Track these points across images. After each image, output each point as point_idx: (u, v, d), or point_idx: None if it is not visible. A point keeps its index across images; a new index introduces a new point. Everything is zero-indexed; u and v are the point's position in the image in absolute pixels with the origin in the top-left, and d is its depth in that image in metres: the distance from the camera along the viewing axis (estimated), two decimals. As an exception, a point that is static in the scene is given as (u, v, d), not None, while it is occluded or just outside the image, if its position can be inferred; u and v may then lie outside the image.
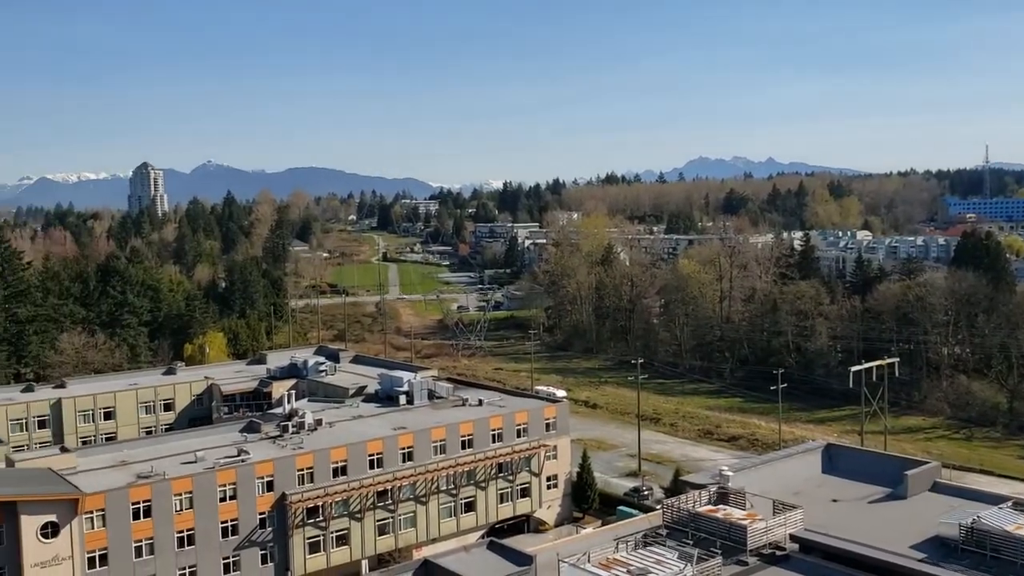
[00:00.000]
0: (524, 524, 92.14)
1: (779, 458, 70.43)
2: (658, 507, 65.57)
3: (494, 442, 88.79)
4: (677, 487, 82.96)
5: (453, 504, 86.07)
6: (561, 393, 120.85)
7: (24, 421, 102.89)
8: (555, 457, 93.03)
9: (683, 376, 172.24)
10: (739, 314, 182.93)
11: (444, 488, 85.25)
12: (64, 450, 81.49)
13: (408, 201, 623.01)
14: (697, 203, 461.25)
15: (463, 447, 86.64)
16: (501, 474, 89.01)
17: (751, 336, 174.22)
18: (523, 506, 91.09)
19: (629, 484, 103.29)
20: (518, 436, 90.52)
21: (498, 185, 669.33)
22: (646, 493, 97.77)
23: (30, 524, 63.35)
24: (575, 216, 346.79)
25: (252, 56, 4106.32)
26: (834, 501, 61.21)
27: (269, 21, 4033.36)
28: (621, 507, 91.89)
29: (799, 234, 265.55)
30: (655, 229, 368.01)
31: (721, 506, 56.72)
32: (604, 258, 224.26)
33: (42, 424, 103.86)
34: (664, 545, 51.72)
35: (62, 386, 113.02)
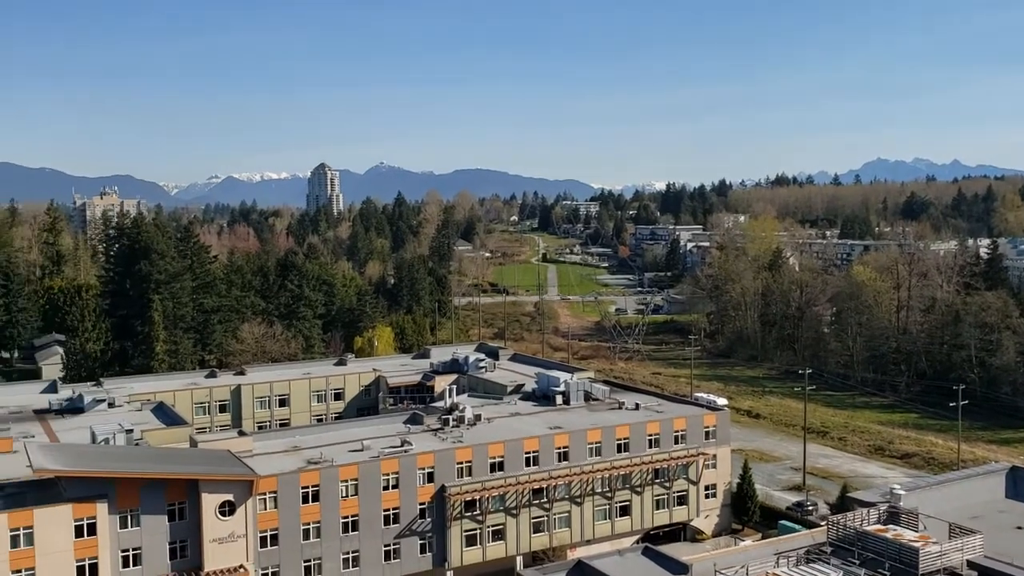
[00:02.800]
0: (680, 532, 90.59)
1: (957, 479, 66.14)
2: (823, 523, 62.93)
3: (651, 447, 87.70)
4: (844, 504, 79.50)
5: (608, 507, 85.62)
6: (722, 401, 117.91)
7: (207, 405, 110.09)
8: (714, 466, 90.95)
9: (854, 388, 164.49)
10: (917, 325, 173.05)
11: (599, 490, 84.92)
12: (242, 434, 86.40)
13: (569, 202, 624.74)
14: (874, 207, 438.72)
15: (619, 450, 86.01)
16: (657, 480, 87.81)
17: (929, 349, 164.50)
18: (680, 514, 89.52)
19: (792, 498, 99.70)
20: (676, 443, 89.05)
21: (661, 187, 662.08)
22: (810, 508, 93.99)
23: (210, 502, 67.68)
24: (742, 219, 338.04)
25: (422, 62, 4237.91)
26: (1019, 528, 56.80)
27: (437, 28, 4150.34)
28: (783, 521, 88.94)
29: (986, 241, 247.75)
30: (828, 233, 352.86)
31: (891, 526, 53.81)
32: (772, 263, 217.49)
33: (223, 408, 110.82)
34: (828, 563, 49.59)
35: (242, 373, 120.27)
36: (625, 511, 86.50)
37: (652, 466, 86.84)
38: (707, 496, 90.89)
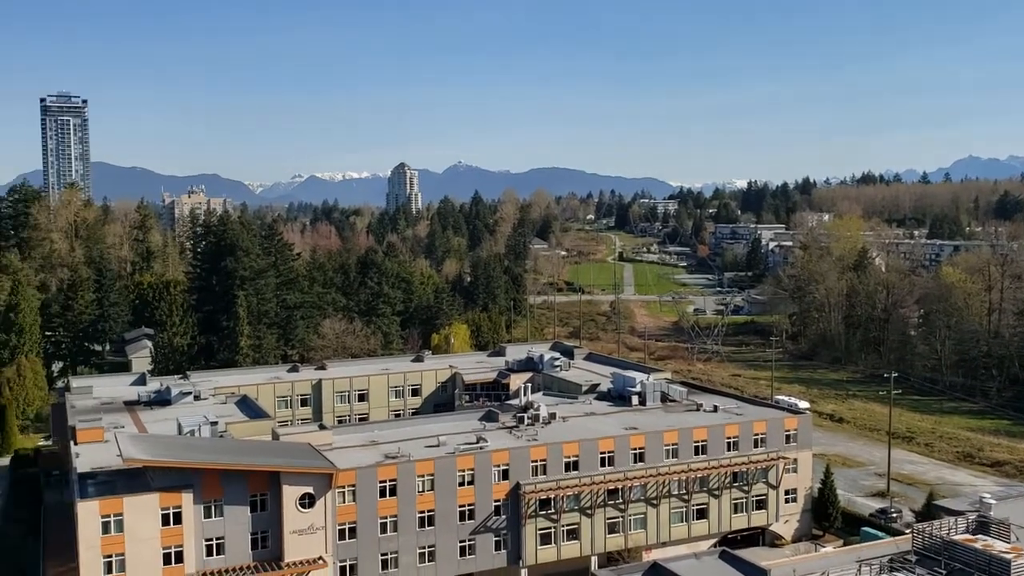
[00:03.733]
0: (759, 537, 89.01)
1: (1054, 490, 63.34)
2: (907, 531, 61.08)
3: (729, 450, 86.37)
4: (930, 512, 77.16)
5: (684, 509, 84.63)
6: (804, 404, 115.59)
7: (289, 399, 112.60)
8: (795, 470, 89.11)
9: (942, 393, 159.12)
10: (1010, 329, 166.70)
11: (675, 492, 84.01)
12: (322, 427, 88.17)
13: (647, 201, 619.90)
14: (965, 206, 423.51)
15: (696, 453, 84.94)
16: (736, 483, 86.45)
17: (1023, 353, 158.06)
18: (758, 518, 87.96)
19: (876, 505, 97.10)
20: (755, 446, 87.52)
21: (742, 184, 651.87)
22: (894, 515, 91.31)
23: (291, 494, 69.13)
24: (826, 218, 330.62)
25: (500, 61, 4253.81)
26: (1122, 544, 54.06)
27: (516, 26, 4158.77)
28: (866, 528, 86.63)
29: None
30: (916, 233, 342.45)
31: (980, 536, 51.91)
32: (857, 263, 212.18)
33: (304, 402, 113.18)
34: (912, 572, 48.12)
35: (323, 368, 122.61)
36: (702, 514, 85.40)
37: (730, 469, 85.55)
38: (787, 501, 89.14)
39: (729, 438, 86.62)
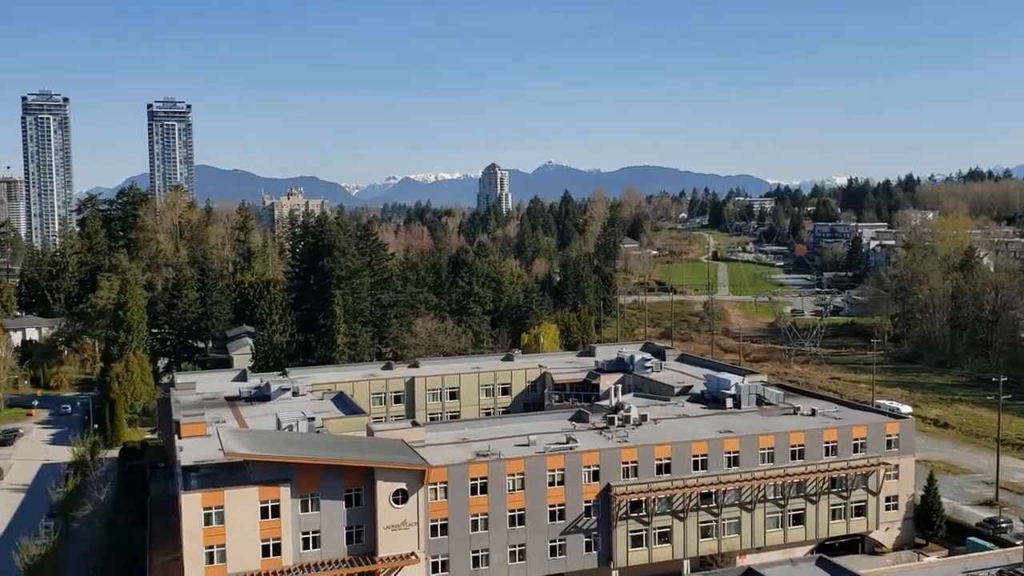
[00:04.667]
0: (858, 544, 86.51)
1: None
2: (1018, 542, 58.31)
3: (827, 455, 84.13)
4: (1044, 524, 73.33)
5: (780, 515, 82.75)
6: (906, 409, 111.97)
7: (383, 395, 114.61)
8: (896, 477, 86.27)
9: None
10: None
11: (771, 497, 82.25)
12: (415, 424, 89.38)
13: (742, 199, 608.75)
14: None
15: (793, 457, 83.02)
16: (834, 489, 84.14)
17: None
18: (857, 525, 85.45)
19: (983, 514, 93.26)
20: (855, 451, 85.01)
21: (842, 182, 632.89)
22: (1004, 525, 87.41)
23: (384, 489, 70.28)
24: (930, 216, 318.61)
25: (590, 60, 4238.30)
26: None
27: (604, 25, 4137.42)
28: (972, 538, 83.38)
29: None
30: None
31: (1102, 552, 49.09)
32: (964, 263, 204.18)
33: (397, 399, 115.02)
34: (1026, 588, 45.84)
35: (415, 366, 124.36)
36: (799, 520, 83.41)
37: (828, 474, 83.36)
38: (888, 508, 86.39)
39: (827, 443, 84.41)
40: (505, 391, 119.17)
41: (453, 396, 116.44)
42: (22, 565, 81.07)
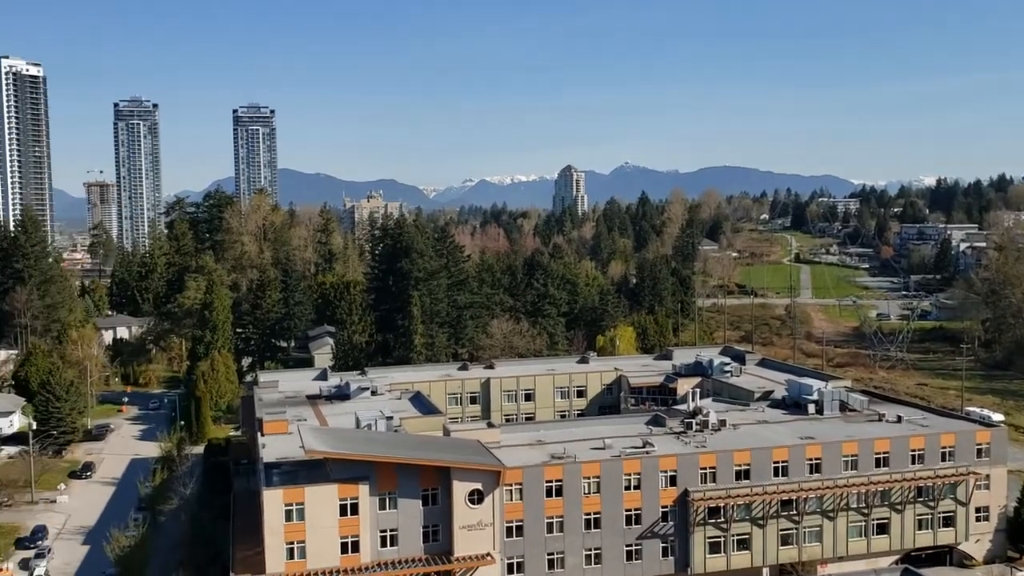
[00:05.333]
0: (946, 556, 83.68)
1: None
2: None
3: (913, 463, 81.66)
4: None
5: (864, 524, 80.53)
6: (998, 417, 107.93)
7: (459, 396, 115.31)
8: (987, 487, 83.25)
9: None
10: None
11: (854, 506, 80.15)
12: (491, 425, 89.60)
13: (825, 199, 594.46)
14: None
15: (877, 465, 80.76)
16: (920, 498, 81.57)
17: None
18: (945, 536, 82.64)
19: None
20: (942, 460, 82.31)
21: (930, 182, 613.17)
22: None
23: (460, 489, 70.68)
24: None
25: (667, 60, 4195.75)
26: None
27: (681, 24, 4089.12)
28: (1070, 554, 79.55)
29: None
30: None
31: None
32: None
33: (473, 400, 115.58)
34: None
35: (491, 367, 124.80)
36: (883, 529, 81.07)
37: (915, 483, 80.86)
38: (978, 519, 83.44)
39: (914, 451, 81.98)
40: (580, 394, 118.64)
41: (528, 398, 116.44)
42: (113, 556, 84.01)
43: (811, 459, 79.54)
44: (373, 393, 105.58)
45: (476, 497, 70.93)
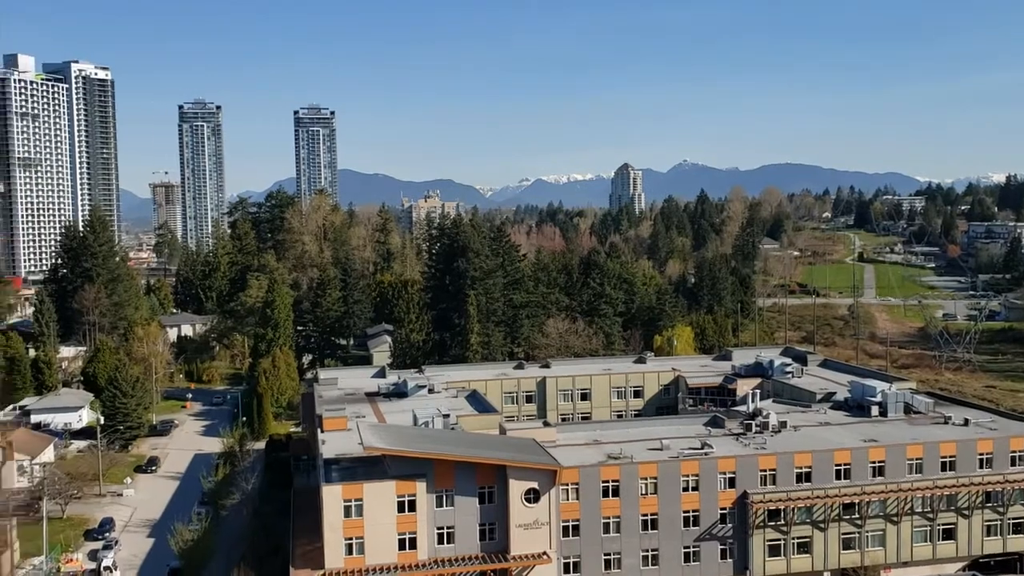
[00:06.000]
0: (1016, 563, 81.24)
1: None
2: None
3: (981, 467, 79.49)
4: None
5: (929, 529, 78.67)
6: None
7: (515, 395, 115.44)
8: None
9: None
10: None
11: (919, 510, 78.34)
12: (547, 424, 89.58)
13: (890, 197, 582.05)
14: None
15: (943, 468, 78.82)
16: (989, 504, 79.41)
17: None
18: (1016, 543, 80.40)
19: None
20: (1012, 464, 79.96)
21: (999, 179, 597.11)
22: None
23: (516, 488, 70.73)
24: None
25: (725, 55, 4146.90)
26: None
27: (740, 19, 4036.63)
28: None
29: None
30: None
31: None
32: None
33: (529, 399, 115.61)
34: None
35: (547, 366, 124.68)
36: (949, 535, 79.09)
37: (983, 488, 78.70)
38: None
39: (981, 454, 79.75)
40: (637, 394, 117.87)
41: (584, 397, 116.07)
42: (177, 549, 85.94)
43: (874, 462, 77.91)
44: (430, 391, 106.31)
45: (532, 496, 70.93)
